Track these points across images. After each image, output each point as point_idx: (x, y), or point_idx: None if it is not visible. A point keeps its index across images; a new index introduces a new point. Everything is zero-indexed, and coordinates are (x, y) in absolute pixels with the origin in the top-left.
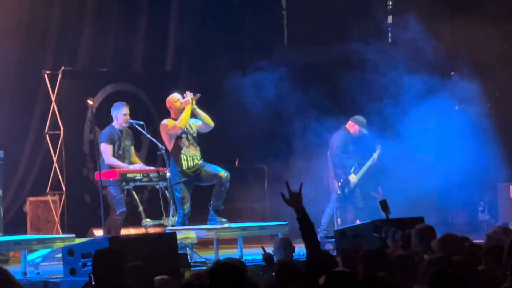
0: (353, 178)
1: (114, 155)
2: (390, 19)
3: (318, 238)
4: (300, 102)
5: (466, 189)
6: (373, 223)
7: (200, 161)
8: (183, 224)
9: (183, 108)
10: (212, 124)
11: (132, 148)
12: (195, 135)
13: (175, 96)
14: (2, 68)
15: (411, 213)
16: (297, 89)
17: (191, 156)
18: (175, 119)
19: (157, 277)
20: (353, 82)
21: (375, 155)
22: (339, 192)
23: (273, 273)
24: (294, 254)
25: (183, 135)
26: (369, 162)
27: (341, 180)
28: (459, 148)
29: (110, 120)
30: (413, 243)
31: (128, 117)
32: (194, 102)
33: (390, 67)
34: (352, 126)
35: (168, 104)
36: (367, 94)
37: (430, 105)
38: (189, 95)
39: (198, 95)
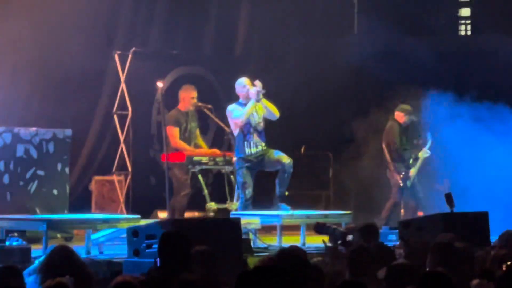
0: (412, 172)
1: (180, 138)
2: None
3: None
4: (365, 90)
5: None
6: (438, 216)
7: (264, 147)
8: (245, 208)
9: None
10: (277, 114)
11: (197, 130)
12: (261, 120)
13: (242, 81)
14: (73, 47)
15: (476, 207)
16: (364, 78)
17: (254, 143)
18: (244, 104)
19: None
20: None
21: (425, 150)
22: (401, 184)
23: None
24: None
25: (248, 122)
26: (422, 157)
27: (403, 174)
28: None
29: (178, 102)
30: None
31: (195, 101)
32: (260, 95)
33: None
34: (399, 117)
35: (236, 89)
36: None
37: None
38: (258, 85)
39: (263, 90)
